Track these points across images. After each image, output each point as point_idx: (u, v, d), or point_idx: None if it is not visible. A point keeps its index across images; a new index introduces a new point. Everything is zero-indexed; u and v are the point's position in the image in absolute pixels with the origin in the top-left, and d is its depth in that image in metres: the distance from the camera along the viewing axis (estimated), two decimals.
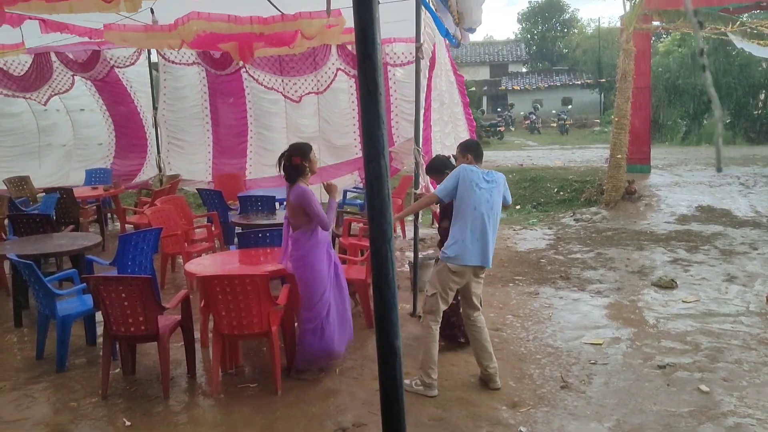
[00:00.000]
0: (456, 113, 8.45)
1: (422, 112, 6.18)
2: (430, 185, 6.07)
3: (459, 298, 4.69)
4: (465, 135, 8.23)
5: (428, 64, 6.19)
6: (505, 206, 4.62)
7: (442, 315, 4.53)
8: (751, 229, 9.19)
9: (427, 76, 6.25)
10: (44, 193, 8.88)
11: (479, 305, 4.62)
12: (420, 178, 6.09)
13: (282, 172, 4.74)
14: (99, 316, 4.83)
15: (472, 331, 4.58)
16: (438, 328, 4.48)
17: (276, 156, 4.86)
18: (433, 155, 5.78)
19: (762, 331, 5.51)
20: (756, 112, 23.39)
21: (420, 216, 6.19)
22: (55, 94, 10.86)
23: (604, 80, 31.55)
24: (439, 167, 5.25)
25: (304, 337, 4.70)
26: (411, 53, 8.41)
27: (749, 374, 4.66)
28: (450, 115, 8.16)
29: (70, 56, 10.41)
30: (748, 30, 11.36)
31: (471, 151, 4.73)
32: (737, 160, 15.10)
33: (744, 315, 5.97)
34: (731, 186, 11.91)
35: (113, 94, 11.33)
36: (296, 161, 4.67)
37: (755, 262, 7.70)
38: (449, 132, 8.05)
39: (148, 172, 11.54)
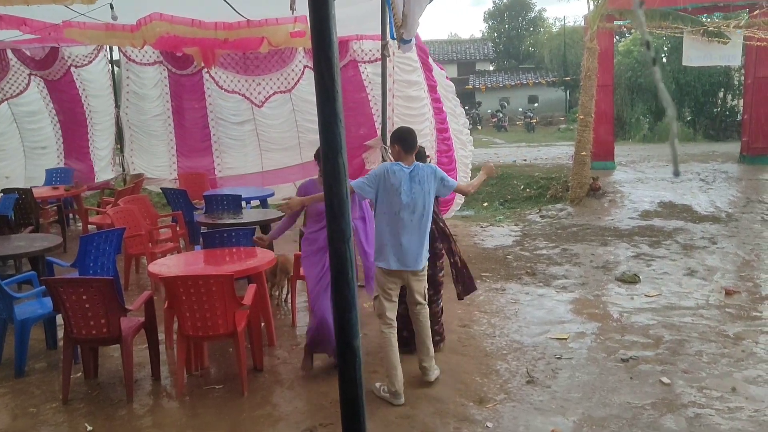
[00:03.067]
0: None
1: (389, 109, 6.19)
2: None
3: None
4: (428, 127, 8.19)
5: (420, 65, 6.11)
6: (449, 195, 4.47)
7: (394, 317, 4.36)
8: (711, 224, 9.41)
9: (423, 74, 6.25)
10: (2, 194, 8.64)
11: (421, 300, 4.44)
12: None
13: (320, 169, 4.73)
14: (60, 319, 4.72)
15: (414, 323, 4.49)
16: (392, 331, 4.31)
17: (247, 156, 4.82)
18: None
19: (721, 324, 5.65)
20: (715, 110, 23.99)
21: None
22: (8, 98, 10.49)
23: (569, 78, 31.98)
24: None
25: (316, 301, 4.65)
26: (378, 50, 8.41)
27: (709, 366, 4.78)
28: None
29: (28, 53, 10.14)
30: (710, 29, 11.64)
31: (399, 141, 4.33)
32: (697, 157, 15.45)
33: (704, 308, 6.11)
34: (692, 182, 12.18)
35: (65, 96, 10.97)
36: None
37: (714, 257, 7.89)
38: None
39: (102, 176, 11.27)
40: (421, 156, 4.94)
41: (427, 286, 4.51)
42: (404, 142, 4.32)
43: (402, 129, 4.48)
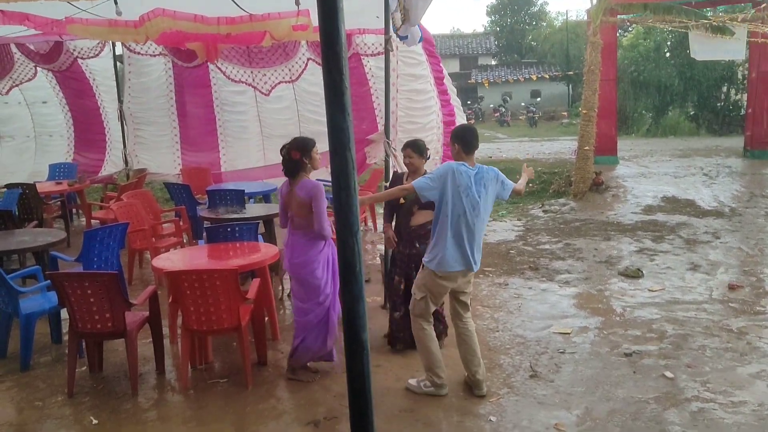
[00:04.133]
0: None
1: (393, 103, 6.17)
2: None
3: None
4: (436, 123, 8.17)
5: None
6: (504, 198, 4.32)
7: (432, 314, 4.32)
8: (714, 219, 9.40)
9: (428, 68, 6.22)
10: (5, 189, 8.66)
11: (469, 307, 4.38)
12: (391, 171, 6.09)
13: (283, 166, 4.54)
14: (65, 313, 4.73)
15: (462, 333, 4.33)
16: (431, 327, 4.29)
17: (250, 148, 4.75)
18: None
19: (724, 318, 5.65)
20: (719, 104, 23.93)
21: None
22: (17, 85, 10.56)
23: (572, 73, 31.89)
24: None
25: (301, 328, 4.53)
26: (381, 44, 8.38)
27: (712, 360, 4.78)
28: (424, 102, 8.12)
29: (32, 47, 10.13)
30: (715, 24, 11.59)
31: (459, 140, 4.18)
32: (701, 152, 15.43)
33: (707, 303, 6.11)
34: (695, 177, 12.17)
35: (76, 87, 11.09)
36: (295, 156, 4.42)
37: (718, 251, 7.89)
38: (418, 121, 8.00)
39: (109, 168, 11.32)
40: (421, 149, 4.92)
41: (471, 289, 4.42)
42: (465, 141, 4.15)
43: (463, 127, 4.34)
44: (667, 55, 25.26)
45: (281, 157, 4.54)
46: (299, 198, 4.38)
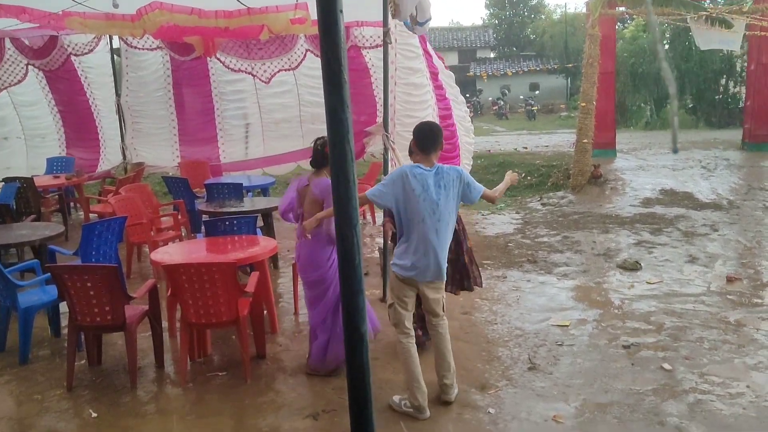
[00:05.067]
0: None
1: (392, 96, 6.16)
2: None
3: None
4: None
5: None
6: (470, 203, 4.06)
7: (412, 326, 4.04)
8: (712, 212, 9.41)
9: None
10: (3, 183, 8.63)
11: (439, 311, 4.06)
12: (389, 164, 6.08)
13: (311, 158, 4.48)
14: (63, 307, 4.73)
15: (432, 335, 4.12)
16: (410, 341, 3.98)
17: (250, 138, 4.71)
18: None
19: (722, 310, 5.66)
20: (716, 97, 23.91)
21: None
22: (5, 87, 10.41)
23: (570, 66, 31.86)
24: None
25: (312, 336, 4.57)
26: (380, 36, 8.35)
27: (710, 352, 4.79)
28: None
29: (26, 42, 10.05)
30: (714, 15, 11.56)
31: (414, 135, 3.94)
32: (699, 144, 15.42)
33: (705, 295, 6.13)
34: (693, 169, 12.16)
35: (66, 87, 10.92)
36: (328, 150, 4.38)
37: (716, 244, 7.90)
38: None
39: (105, 166, 11.26)
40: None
41: (444, 296, 4.14)
42: (423, 141, 3.88)
43: (422, 124, 4.05)
44: (666, 47, 25.21)
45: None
46: (313, 195, 4.37)
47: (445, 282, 4.06)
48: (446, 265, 3.95)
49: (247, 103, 10.89)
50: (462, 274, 4.69)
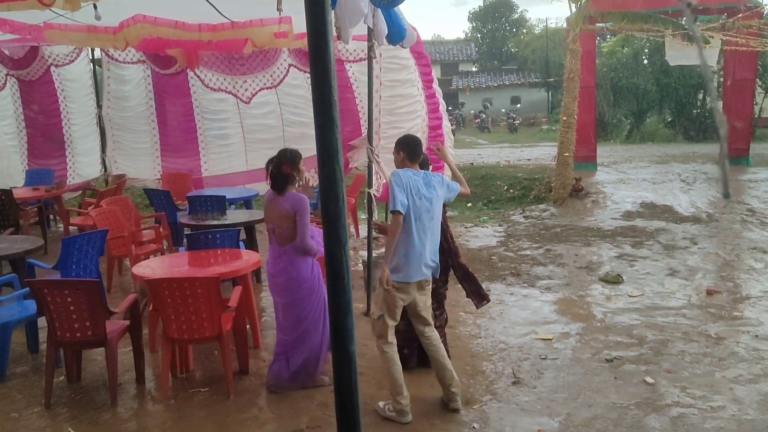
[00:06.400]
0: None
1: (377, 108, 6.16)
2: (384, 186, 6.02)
3: (408, 320, 4.33)
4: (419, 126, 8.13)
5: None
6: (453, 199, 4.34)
7: (394, 335, 4.18)
8: (692, 225, 9.53)
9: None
10: None
11: (431, 320, 4.26)
12: (374, 178, 6.08)
13: (268, 180, 4.46)
14: (42, 322, 4.65)
15: (428, 349, 4.23)
16: (393, 349, 4.12)
17: (232, 153, 4.69)
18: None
19: (703, 324, 5.72)
20: (695, 111, 24.32)
21: (374, 214, 6.12)
22: None
23: (551, 79, 32.25)
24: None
25: (275, 358, 4.54)
26: (363, 50, 8.36)
27: (691, 365, 4.84)
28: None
29: (6, 52, 9.96)
30: (690, 34, 11.78)
31: (405, 148, 4.20)
32: (678, 158, 15.65)
33: (686, 308, 6.19)
34: (673, 183, 12.32)
35: (39, 97, 10.65)
36: (286, 170, 4.38)
37: (695, 257, 7.99)
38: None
39: (76, 179, 11.00)
40: (425, 164, 4.83)
41: (431, 302, 4.32)
42: (410, 149, 4.18)
43: (407, 137, 4.34)
44: (645, 62, 25.63)
45: (265, 167, 4.49)
46: (284, 210, 4.34)
47: (429, 284, 4.24)
48: (437, 264, 4.22)
49: (229, 123, 10.82)
50: (475, 284, 4.64)
